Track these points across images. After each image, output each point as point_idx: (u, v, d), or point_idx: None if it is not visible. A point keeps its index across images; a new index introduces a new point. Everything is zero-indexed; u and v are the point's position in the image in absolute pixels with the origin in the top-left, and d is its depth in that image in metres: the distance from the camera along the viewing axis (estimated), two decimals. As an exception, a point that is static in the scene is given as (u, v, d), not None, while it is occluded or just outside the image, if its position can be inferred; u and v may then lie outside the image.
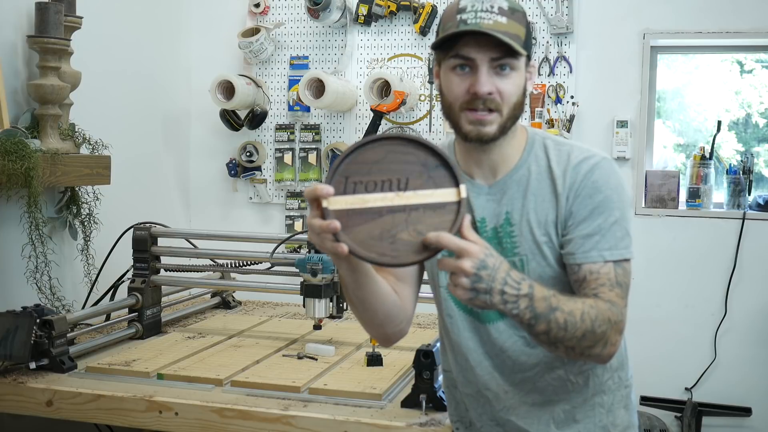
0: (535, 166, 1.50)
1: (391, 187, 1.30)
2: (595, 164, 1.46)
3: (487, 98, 1.41)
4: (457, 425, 1.69)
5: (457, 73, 1.43)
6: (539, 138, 1.53)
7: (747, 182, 3.35)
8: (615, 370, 1.57)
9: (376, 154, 1.32)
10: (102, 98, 3.00)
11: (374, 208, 1.29)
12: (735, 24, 3.30)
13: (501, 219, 1.49)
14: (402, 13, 3.55)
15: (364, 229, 1.28)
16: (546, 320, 1.32)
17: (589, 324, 1.35)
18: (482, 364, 1.56)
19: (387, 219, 1.28)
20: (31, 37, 2.47)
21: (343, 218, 1.27)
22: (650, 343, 3.35)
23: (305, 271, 2.40)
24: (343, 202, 1.29)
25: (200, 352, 2.39)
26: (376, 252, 1.27)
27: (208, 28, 3.73)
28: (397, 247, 1.27)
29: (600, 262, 1.42)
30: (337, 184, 1.30)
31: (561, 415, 1.54)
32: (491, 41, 1.39)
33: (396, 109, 3.38)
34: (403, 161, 1.31)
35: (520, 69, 1.44)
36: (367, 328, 1.58)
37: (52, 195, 2.68)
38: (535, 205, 1.47)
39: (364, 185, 1.30)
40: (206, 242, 2.72)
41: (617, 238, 1.43)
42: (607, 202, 1.44)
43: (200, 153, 3.79)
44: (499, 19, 1.39)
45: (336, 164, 1.31)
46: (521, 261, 1.47)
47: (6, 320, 2.11)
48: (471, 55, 1.40)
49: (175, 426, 1.98)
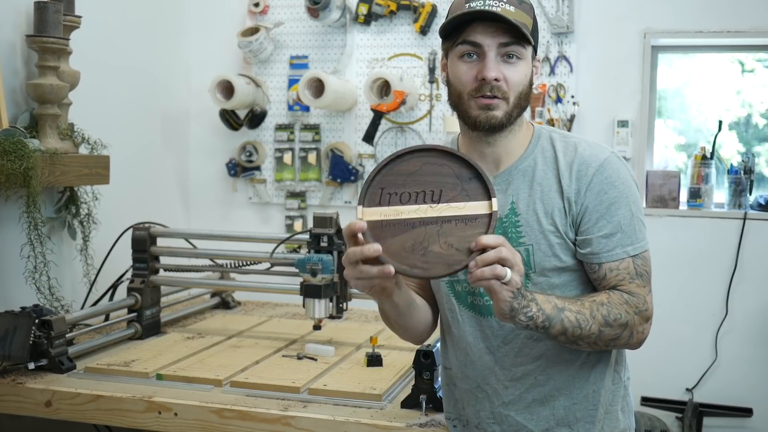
0: (541, 157, 1.52)
1: (425, 199, 1.33)
2: (605, 160, 1.49)
3: (495, 84, 1.43)
4: (454, 423, 1.68)
5: (465, 61, 1.46)
6: (545, 132, 1.56)
7: (748, 182, 3.34)
8: (613, 365, 1.58)
9: (412, 166, 1.35)
10: (101, 98, 3.00)
11: (408, 219, 1.32)
12: (735, 23, 3.29)
13: (506, 209, 1.50)
14: (402, 12, 3.54)
15: (397, 241, 1.31)
16: (559, 321, 1.38)
17: (601, 319, 1.41)
18: (482, 359, 1.56)
19: (419, 231, 1.31)
20: (29, 37, 2.47)
21: (377, 229, 1.31)
22: (651, 343, 3.26)
23: (305, 271, 2.40)
24: (378, 213, 1.33)
25: (200, 353, 2.38)
26: (408, 264, 1.30)
27: (207, 28, 3.73)
28: (428, 260, 1.30)
29: (621, 258, 1.46)
30: (373, 195, 1.34)
31: (561, 412, 1.54)
32: (499, 27, 1.42)
33: (396, 108, 3.37)
34: (438, 173, 1.35)
35: (527, 59, 1.47)
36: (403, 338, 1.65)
37: (51, 195, 2.68)
38: (542, 195, 1.49)
39: (399, 196, 1.34)
40: (205, 242, 2.71)
41: (636, 232, 1.47)
42: (621, 198, 1.47)
43: (200, 153, 3.79)
44: (508, 8, 1.42)
45: (372, 174, 1.35)
46: (526, 251, 1.48)
47: (5, 320, 2.11)
48: (479, 40, 1.43)
49: (174, 426, 1.98)
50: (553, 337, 1.40)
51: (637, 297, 1.45)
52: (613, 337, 1.43)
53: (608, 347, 1.47)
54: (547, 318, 1.36)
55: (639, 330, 1.46)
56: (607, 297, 1.44)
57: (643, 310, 1.46)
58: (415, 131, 3.54)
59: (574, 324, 1.39)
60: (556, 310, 1.37)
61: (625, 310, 1.43)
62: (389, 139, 3.58)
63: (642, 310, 1.45)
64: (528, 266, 1.48)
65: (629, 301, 1.45)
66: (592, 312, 1.41)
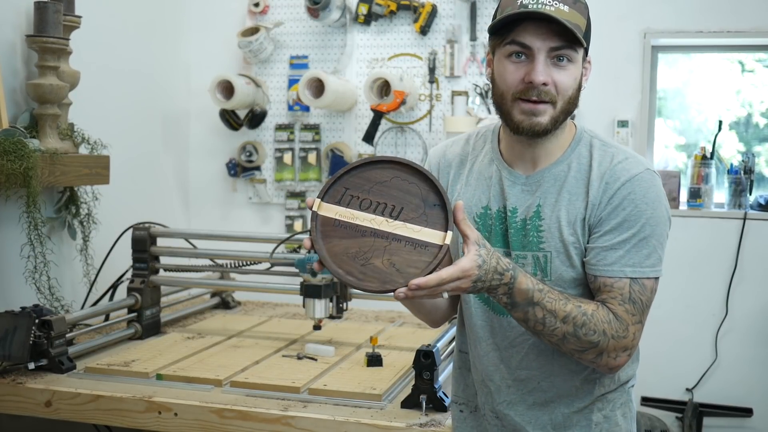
0: (576, 164, 1.46)
1: (383, 211, 1.32)
2: (636, 175, 1.41)
3: (542, 89, 1.37)
4: (461, 407, 1.65)
5: (512, 61, 1.39)
6: (587, 136, 1.50)
7: (748, 182, 3.34)
8: (621, 381, 1.55)
9: (382, 176, 1.34)
10: (101, 98, 3.00)
11: (360, 226, 1.31)
12: (735, 23, 3.29)
13: (531, 211, 1.46)
14: (402, 12, 3.54)
15: (343, 243, 1.30)
16: (523, 311, 1.35)
17: (571, 328, 1.36)
18: (489, 355, 1.54)
19: (368, 241, 1.30)
20: (30, 37, 2.47)
21: (328, 226, 1.31)
22: (651, 343, 3.31)
23: (305, 271, 2.40)
24: (334, 211, 1.32)
25: (199, 353, 2.38)
26: (345, 269, 1.29)
27: (207, 28, 3.73)
28: (365, 271, 1.28)
29: (618, 277, 1.39)
30: (335, 192, 1.33)
31: (559, 418, 1.52)
32: (551, 29, 1.35)
33: (396, 108, 3.37)
34: (405, 190, 1.33)
35: (578, 62, 1.40)
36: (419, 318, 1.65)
37: (51, 195, 2.67)
38: (568, 204, 1.44)
39: (359, 201, 1.33)
40: (205, 242, 2.71)
41: (643, 256, 1.40)
42: (639, 216, 1.40)
43: (200, 153, 3.79)
44: (562, 7, 1.35)
45: (341, 172, 1.34)
46: (545, 257, 1.45)
47: (5, 320, 2.11)
48: (529, 42, 1.36)
49: (174, 426, 1.98)
50: (516, 320, 1.39)
51: (620, 322, 1.38)
52: (578, 348, 1.37)
53: (574, 357, 1.41)
54: (512, 303, 1.34)
55: (612, 356, 1.38)
56: (594, 309, 1.38)
57: (621, 337, 1.38)
58: (415, 131, 3.54)
59: (537, 320, 1.35)
60: (526, 302, 1.34)
61: (603, 329, 1.36)
62: (389, 139, 3.58)
63: (620, 337, 1.37)
64: (544, 273, 1.45)
65: (611, 323, 1.37)
66: (567, 318, 1.35)
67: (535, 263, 1.45)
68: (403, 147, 3.56)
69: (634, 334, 1.39)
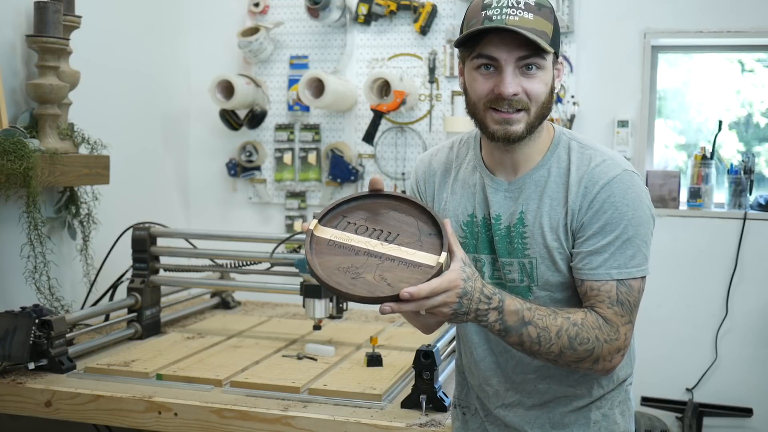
0: (555, 168, 1.47)
1: (379, 236, 1.34)
2: (614, 178, 1.42)
3: (513, 99, 1.38)
4: (463, 410, 1.67)
5: (481, 73, 1.40)
6: (565, 138, 1.50)
7: (748, 182, 3.34)
8: (619, 380, 1.56)
9: (380, 207, 1.37)
10: (101, 98, 3.00)
11: (355, 246, 1.32)
12: (736, 23, 3.29)
13: (515, 218, 1.47)
14: (402, 12, 3.54)
15: (335, 259, 1.31)
16: (517, 333, 1.35)
17: (566, 341, 1.36)
18: (486, 360, 1.56)
19: (361, 258, 1.31)
20: (29, 37, 2.47)
21: (322, 245, 1.33)
22: (651, 343, 3.34)
23: (305, 271, 2.40)
24: (329, 233, 1.34)
25: (199, 353, 2.38)
26: (335, 281, 1.28)
27: (207, 28, 3.73)
28: (355, 283, 1.28)
29: (604, 280, 1.40)
30: (333, 218, 1.36)
31: (557, 418, 1.54)
32: (517, 39, 1.35)
33: (396, 108, 3.37)
34: (402, 221, 1.36)
35: (548, 67, 1.41)
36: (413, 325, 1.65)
37: (51, 195, 2.67)
38: (550, 209, 1.45)
39: (355, 227, 1.35)
40: (205, 242, 2.71)
41: (627, 257, 1.40)
42: (620, 219, 1.40)
43: (199, 153, 3.79)
44: (526, 16, 1.35)
45: (339, 202, 1.37)
46: (531, 263, 1.46)
47: (5, 320, 2.11)
48: (495, 54, 1.37)
49: (174, 427, 1.98)
50: (510, 345, 1.38)
51: (610, 325, 1.39)
52: (575, 359, 1.38)
53: (571, 368, 1.42)
54: (505, 329, 1.34)
55: (607, 359, 1.39)
56: (583, 317, 1.38)
57: (614, 340, 1.39)
58: (415, 131, 3.54)
59: (533, 340, 1.35)
60: (519, 323, 1.34)
61: (595, 335, 1.37)
62: (389, 139, 3.58)
63: (612, 340, 1.38)
64: (531, 279, 1.46)
65: (602, 327, 1.38)
66: (560, 331, 1.35)
67: (521, 269, 1.47)
68: (403, 147, 3.56)
69: (625, 335, 1.40)
